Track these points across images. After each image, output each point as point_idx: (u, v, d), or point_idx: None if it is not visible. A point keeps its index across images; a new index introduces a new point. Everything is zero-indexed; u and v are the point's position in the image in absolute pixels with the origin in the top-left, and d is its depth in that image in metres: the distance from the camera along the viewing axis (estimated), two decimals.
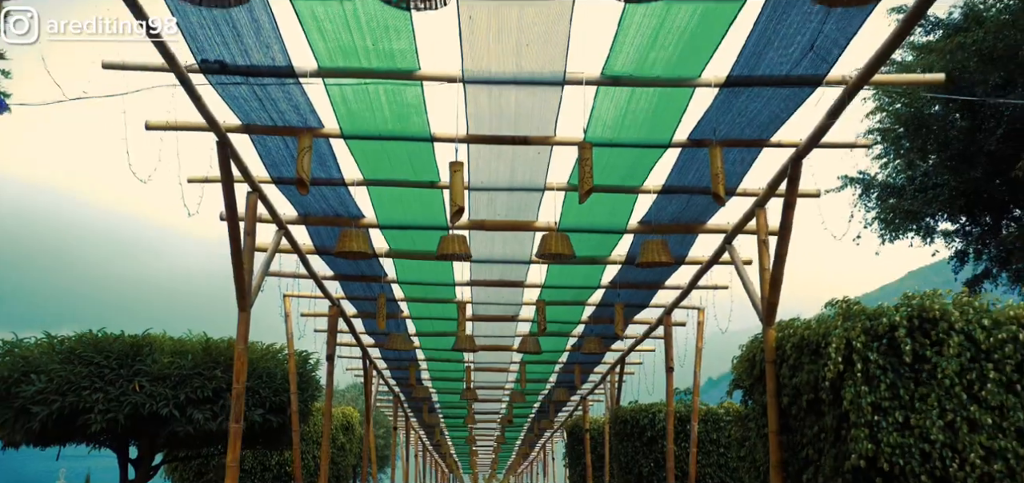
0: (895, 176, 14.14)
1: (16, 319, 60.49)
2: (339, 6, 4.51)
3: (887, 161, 14.28)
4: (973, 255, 14.65)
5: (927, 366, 5.50)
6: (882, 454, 5.40)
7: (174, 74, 5.15)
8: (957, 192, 12.79)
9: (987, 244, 14.31)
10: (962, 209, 13.27)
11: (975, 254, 14.64)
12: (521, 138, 6.07)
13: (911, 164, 13.32)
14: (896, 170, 14.14)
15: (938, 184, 13.29)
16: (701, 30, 4.79)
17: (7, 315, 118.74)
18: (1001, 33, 10.70)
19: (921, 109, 13.26)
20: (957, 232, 14.21)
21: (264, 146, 6.47)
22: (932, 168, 13.49)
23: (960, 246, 14.42)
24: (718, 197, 5.48)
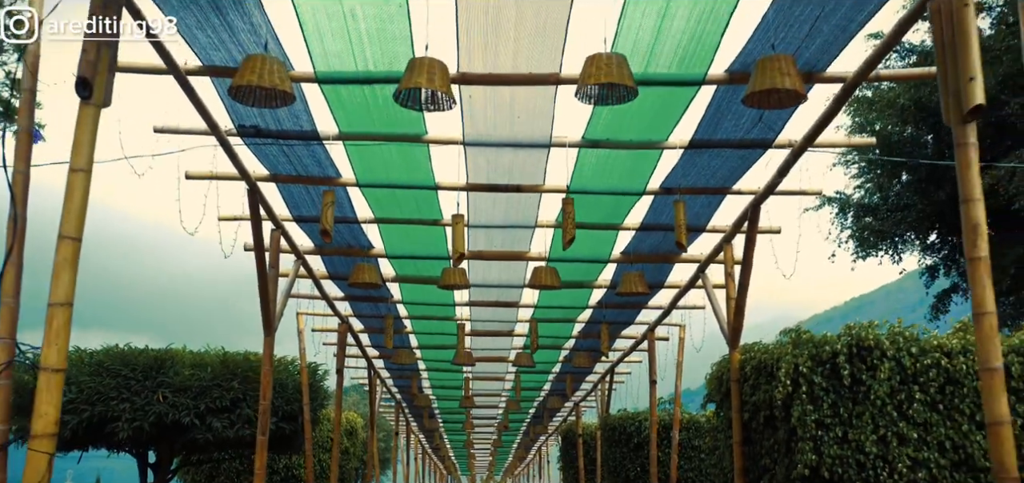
0: (869, 196, 15.02)
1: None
2: (361, 90, 5.38)
3: (862, 181, 15.16)
4: (943, 271, 15.53)
5: (863, 388, 6.38)
6: (824, 464, 6.28)
7: (215, 137, 6.02)
8: (924, 213, 13.68)
9: (955, 260, 15.19)
10: (930, 228, 14.14)
11: (945, 270, 15.52)
12: (515, 186, 6.95)
13: (881, 186, 14.21)
14: (870, 191, 15.02)
15: (908, 204, 14.17)
16: (668, 104, 5.66)
17: None
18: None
19: (894, 132, 14.14)
20: (927, 250, 15.10)
21: (287, 190, 7.33)
22: (903, 189, 14.38)
23: (930, 263, 15.31)
24: (680, 245, 6.36)
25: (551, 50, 5.02)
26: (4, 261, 4.08)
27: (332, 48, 5.03)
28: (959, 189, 4.13)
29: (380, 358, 14.31)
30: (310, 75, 5.27)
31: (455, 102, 4.58)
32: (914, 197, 13.74)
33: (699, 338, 10.76)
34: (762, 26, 4.73)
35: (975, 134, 4.14)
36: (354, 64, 5.16)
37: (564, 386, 16.06)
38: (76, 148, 4.04)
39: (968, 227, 4.04)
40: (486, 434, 28.63)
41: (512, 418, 22.29)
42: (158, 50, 4.91)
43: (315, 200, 7.44)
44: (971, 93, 3.99)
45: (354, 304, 10.92)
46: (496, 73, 5.21)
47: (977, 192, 4.07)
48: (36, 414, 3.87)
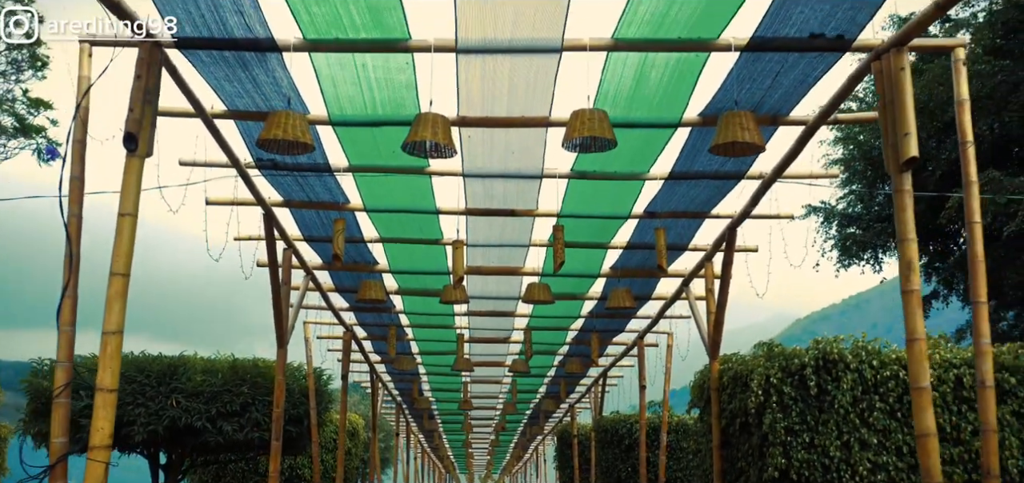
0: (851, 207, 15.64)
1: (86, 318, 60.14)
2: (370, 133, 5.97)
3: (846, 193, 15.78)
4: (924, 278, 16.14)
5: (828, 397, 6.98)
6: (792, 467, 6.88)
7: (236, 170, 6.60)
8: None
9: (935, 268, 15.82)
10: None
11: (925, 277, 16.14)
12: (509, 210, 7.54)
13: (862, 197, 14.82)
14: (852, 201, 15.63)
15: (888, 215, 14.78)
16: (648, 142, 6.24)
17: None
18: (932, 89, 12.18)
19: (875, 145, 14.73)
20: None
21: (298, 212, 7.91)
22: (885, 200, 14.98)
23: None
24: (661, 268, 6.96)
25: (542, 97, 5.61)
26: (62, 295, 4.66)
27: (345, 93, 5.61)
28: (896, 229, 4.72)
29: (382, 363, 14.90)
30: (325, 118, 5.85)
31: (456, 152, 5.16)
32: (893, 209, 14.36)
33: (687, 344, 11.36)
34: (728, 81, 5.32)
35: (910, 182, 4.73)
36: (364, 108, 5.75)
37: (558, 389, 16.68)
38: (124, 195, 4.61)
39: (902, 263, 4.64)
40: (484, 434, 29.26)
41: (509, 419, 22.92)
42: (190, 100, 5.50)
43: (324, 221, 8.03)
44: (906, 147, 4.58)
45: (358, 314, 11.51)
46: (492, 116, 5.80)
47: (911, 233, 4.66)
48: (94, 428, 4.46)
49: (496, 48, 5.00)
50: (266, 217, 7.47)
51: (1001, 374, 6.96)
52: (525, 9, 4.68)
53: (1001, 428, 6.82)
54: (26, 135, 13.45)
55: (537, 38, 4.91)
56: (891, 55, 4.73)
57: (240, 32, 4.86)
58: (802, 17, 4.72)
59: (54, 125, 12.96)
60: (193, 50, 5.01)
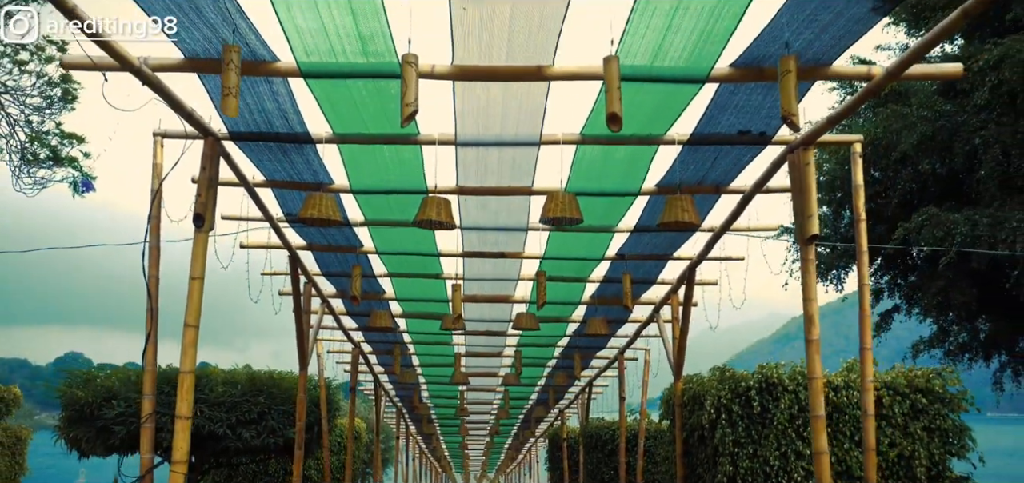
0: (821, 228, 16.93)
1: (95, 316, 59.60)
2: (384, 198, 7.22)
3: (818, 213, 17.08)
4: (886, 293, 17.47)
5: (769, 415, 8.25)
6: (738, 474, 8.16)
7: (269, 223, 7.84)
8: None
9: (897, 286, 17.13)
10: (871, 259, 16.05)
11: (888, 293, 17.46)
12: (499, 253, 8.79)
13: (825, 221, 16.12)
14: (821, 222, 16.92)
15: (851, 237, 16.08)
16: (614, 204, 7.50)
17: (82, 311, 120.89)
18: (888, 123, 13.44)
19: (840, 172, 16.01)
20: (872, 275, 17.02)
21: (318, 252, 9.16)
22: (848, 225, 16.27)
23: (874, 287, 17.24)
24: (626, 307, 8.23)
25: (526, 172, 6.86)
26: (146, 341, 5.90)
27: (365, 170, 6.86)
28: (802, 289, 5.98)
29: (385, 374, 16.16)
30: (346, 187, 7.10)
31: (455, 225, 6.42)
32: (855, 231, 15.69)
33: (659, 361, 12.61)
34: (675, 164, 6.58)
35: (813, 253, 5.99)
36: (380, 181, 6.99)
37: (547, 397, 17.97)
38: (194, 262, 5.85)
39: (806, 317, 5.90)
40: (479, 436, 30.57)
41: (503, 424, 24.24)
42: (237, 175, 6.74)
43: (338, 259, 9.27)
44: (810, 226, 5.85)
45: (366, 333, 12.77)
46: (485, 186, 7.05)
47: (813, 293, 5.92)
48: (174, 447, 5.69)
49: (488, 142, 6.25)
50: (291, 259, 8.71)
51: (916, 395, 8.25)
52: (511, 110, 5.93)
53: (913, 441, 8.11)
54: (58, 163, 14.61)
55: (520, 134, 6.16)
56: (799, 151, 5.99)
57: (281, 127, 6.10)
58: (730, 121, 5.98)
59: (87, 157, 14.17)
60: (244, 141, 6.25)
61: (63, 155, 14.02)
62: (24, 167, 13.83)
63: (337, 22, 4.72)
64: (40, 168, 13.98)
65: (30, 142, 13.61)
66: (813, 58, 5.01)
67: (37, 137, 13.76)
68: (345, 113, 5.90)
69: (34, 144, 14.51)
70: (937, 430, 8.17)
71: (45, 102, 14.37)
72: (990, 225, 11.17)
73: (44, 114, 14.38)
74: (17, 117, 14.09)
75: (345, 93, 5.57)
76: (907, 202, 14.24)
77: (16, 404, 19.46)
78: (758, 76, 5.13)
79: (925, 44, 4.49)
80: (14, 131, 13.83)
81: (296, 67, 5.13)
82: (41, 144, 13.98)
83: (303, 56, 5.06)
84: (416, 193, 6.98)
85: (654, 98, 5.60)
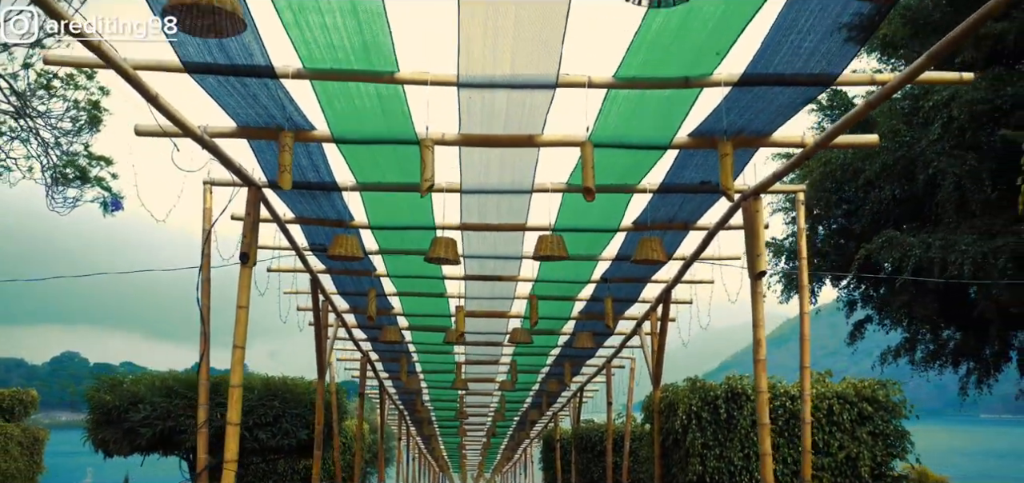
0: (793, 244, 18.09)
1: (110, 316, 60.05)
2: (399, 234, 8.35)
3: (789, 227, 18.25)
4: (860, 304, 18.64)
5: (734, 421, 9.39)
6: (707, 472, 9.29)
7: (296, 253, 8.96)
8: (837, 262, 16.77)
9: (869, 297, 18.29)
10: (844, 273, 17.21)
11: (862, 303, 18.63)
12: (496, 276, 9.92)
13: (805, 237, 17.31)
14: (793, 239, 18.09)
15: (825, 252, 17.24)
16: (597, 239, 8.62)
17: None
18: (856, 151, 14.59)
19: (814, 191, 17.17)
20: (844, 288, 18.19)
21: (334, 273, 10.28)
22: (821, 241, 17.45)
23: (847, 298, 18.43)
24: (608, 326, 9.35)
25: (520, 212, 7.98)
26: (200, 360, 7.02)
27: (384, 212, 7.97)
28: (752, 316, 7.11)
29: (389, 380, 17.29)
30: (366, 223, 8.22)
31: (461, 261, 7.54)
32: (827, 248, 16.84)
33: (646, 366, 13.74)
34: (648, 205, 7.72)
35: (761, 286, 7.11)
36: (396, 220, 8.12)
37: (541, 402, 19.12)
38: (240, 292, 6.95)
39: (755, 341, 7.03)
40: (477, 437, 31.73)
41: (499, 425, 25.41)
42: (270, 213, 7.85)
43: (353, 281, 10.39)
44: (758, 263, 6.98)
45: (374, 344, 13.90)
46: (484, 223, 8.18)
47: (761, 318, 7.05)
48: (226, 450, 6.80)
49: (488, 190, 7.38)
50: (312, 281, 9.83)
51: (862, 404, 9.39)
52: (507, 167, 7.05)
53: (859, 444, 9.26)
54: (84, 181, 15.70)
55: (515, 183, 7.28)
56: (750, 200, 7.12)
57: (312, 177, 7.22)
58: (692, 174, 7.11)
59: (114, 178, 15.26)
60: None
61: (91, 176, 15.09)
62: (57, 187, 14.91)
63: (367, 104, 5.84)
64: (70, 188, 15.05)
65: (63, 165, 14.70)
66: (753, 131, 6.15)
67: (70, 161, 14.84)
68: (368, 167, 7.02)
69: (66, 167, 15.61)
70: (880, 434, 9.31)
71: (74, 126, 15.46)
72: (942, 247, 12.31)
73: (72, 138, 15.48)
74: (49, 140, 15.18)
75: (368, 154, 6.69)
76: (876, 221, 15.38)
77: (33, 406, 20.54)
78: (711, 144, 6.26)
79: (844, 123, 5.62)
80: (47, 153, 14.91)
81: (330, 134, 6.26)
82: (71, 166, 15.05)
83: (336, 128, 6.18)
84: (426, 229, 8.10)
85: (627, 158, 6.72)
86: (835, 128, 5.78)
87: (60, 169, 15.29)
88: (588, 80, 5.45)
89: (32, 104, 14.74)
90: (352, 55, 5.23)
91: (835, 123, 5.80)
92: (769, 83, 5.40)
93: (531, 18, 4.88)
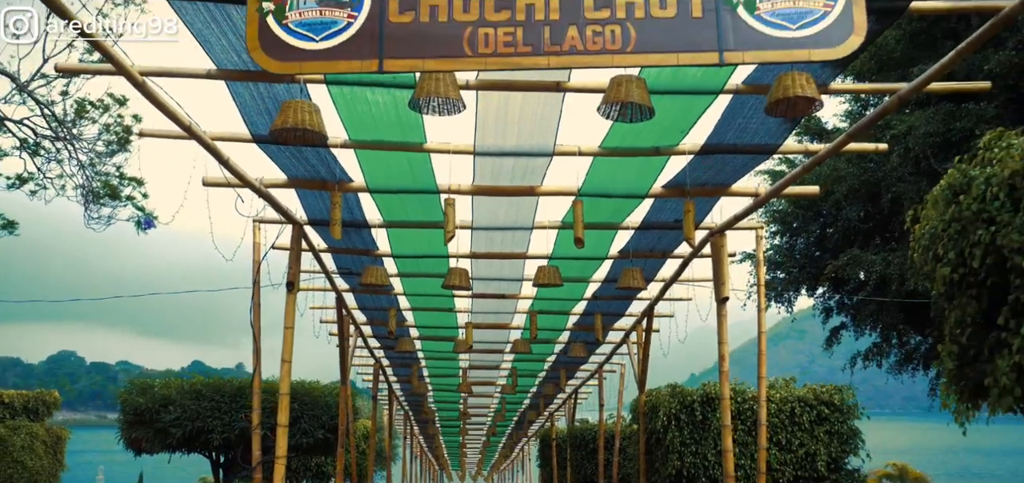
0: (777, 255, 19.46)
1: None
2: (415, 262, 9.67)
3: (771, 243, 19.61)
4: (835, 311, 20.03)
5: (708, 422, 10.73)
6: (685, 467, 10.63)
7: (325, 276, 10.26)
8: (813, 274, 18.16)
9: (843, 305, 19.68)
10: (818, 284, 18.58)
11: (837, 311, 20.01)
12: (499, 295, 11.24)
13: (779, 251, 18.69)
14: (777, 249, 19.46)
15: (802, 265, 18.62)
16: (586, 264, 9.95)
17: None
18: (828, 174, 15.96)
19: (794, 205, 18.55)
20: (820, 297, 19.58)
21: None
22: (799, 254, 18.83)
23: (823, 306, 19.82)
24: (598, 339, 10.69)
25: (520, 243, 9.30)
26: (253, 373, 8.33)
27: (406, 248, 9.30)
28: (718, 335, 8.44)
29: (398, 383, 18.64)
30: (389, 252, 9.54)
31: (471, 288, 8.87)
32: (804, 261, 18.22)
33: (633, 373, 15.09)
34: (628, 243, 9.05)
35: (726, 309, 8.44)
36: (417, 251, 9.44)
37: (539, 403, 20.48)
38: (287, 315, 8.26)
39: (720, 356, 8.36)
40: (477, 436, 33.12)
41: (499, 426, 26.80)
42: (308, 245, 9.16)
43: (372, 299, 11.70)
44: (722, 290, 8.32)
45: (387, 353, 15.24)
46: (492, 251, 9.50)
47: (726, 337, 8.38)
48: (277, 448, 8.10)
49: (495, 227, 8.71)
50: (338, 299, 11.15)
51: (821, 407, 10.74)
52: (511, 211, 8.37)
53: (817, 442, 10.61)
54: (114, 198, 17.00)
55: (519, 221, 8.60)
56: (716, 236, 8.45)
57: (345, 215, 8.53)
58: (668, 214, 8.44)
59: (145, 198, 16.54)
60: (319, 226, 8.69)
61: (123, 195, 16.37)
62: (93, 205, 16.19)
63: (398, 164, 7.16)
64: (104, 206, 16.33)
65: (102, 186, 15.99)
66: (715, 184, 7.49)
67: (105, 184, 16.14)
68: (395, 208, 8.34)
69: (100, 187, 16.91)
70: (836, 434, 10.67)
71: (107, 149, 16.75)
72: (900, 264, 13.68)
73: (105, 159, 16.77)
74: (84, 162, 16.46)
75: (397, 199, 8.01)
76: (846, 236, 16.77)
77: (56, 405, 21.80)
78: (681, 194, 7.59)
79: (787, 181, 6.96)
80: (85, 173, 16.20)
81: (366, 185, 7.58)
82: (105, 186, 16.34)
83: (372, 181, 7.51)
84: (441, 257, 9.42)
85: (611, 204, 8.06)
86: (780, 185, 7.13)
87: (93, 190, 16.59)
88: (578, 149, 6.79)
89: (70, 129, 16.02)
90: (389, 129, 6.55)
91: (779, 181, 7.16)
92: (723, 152, 6.74)
93: (534, 106, 6.21)
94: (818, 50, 3.78)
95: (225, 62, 5.35)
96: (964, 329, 4.96)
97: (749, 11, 3.80)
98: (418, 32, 3.81)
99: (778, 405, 10.72)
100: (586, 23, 3.70)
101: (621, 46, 3.70)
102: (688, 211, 6.80)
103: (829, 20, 3.81)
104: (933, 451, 59.67)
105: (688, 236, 6.82)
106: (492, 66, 3.75)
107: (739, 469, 10.59)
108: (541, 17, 3.75)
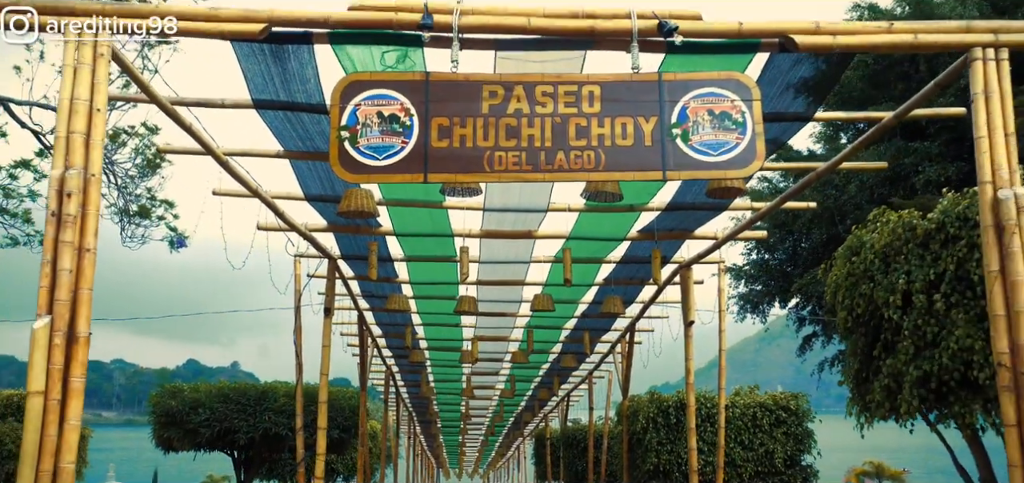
0: (753, 268, 21.16)
1: None
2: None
3: (747, 258, 21.31)
4: (808, 321, 21.73)
5: (682, 424, 12.37)
6: (661, 464, 12.28)
7: (351, 300, 11.86)
8: (785, 285, 19.85)
9: (814, 314, 21.38)
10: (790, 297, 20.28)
11: (810, 321, 21.71)
12: (501, 313, 12.87)
13: (757, 264, 20.39)
14: (753, 263, 21.16)
15: (777, 276, 20.32)
16: (576, 290, 11.58)
17: None
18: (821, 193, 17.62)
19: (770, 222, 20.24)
20: (793, 309, 21.27)
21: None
22: (773, 268, 20.52)
23: (796, 315, 21.53)
24: (586, 353, 12.32)
25: (520, 272, 10.92)
26: (296, 385, 9.93)
27: (423, 278, 10.91)
28: (685, 353, 10.08)
29: (405, 388, 20.28)
30: (407, 280, 11.16)
31: (477, 313, 10.50)
32: (779, 273, 19.93)
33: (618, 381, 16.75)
34: (612, 273, 10.69)
35: (692, 333, 10.07)
36: (431, 279, 11.06)
37: (534, 405, 22.14)
38: (324, 334, 9.86)
39: (687, 370, 9.99)
40: (476, 436, 34.83)
41: (497, 426, 28.50)
42: (339, 275, 10.76)
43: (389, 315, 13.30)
44: (689, 315, 9.96)
45: (398, 361, 16.87)
46: (495, 278, 11.13)
47: (692, 353, 10.02)
48: (318, 444, 9.69)
49: (498, 260, 10.34)
50: (359, 319, 12.77)
51: (779, 411, 12.41)
52: (512, 248, 9.99)
53: (775, 442, 12.28)
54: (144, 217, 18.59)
55: (518, 256, 10.23)
56: (684, 270, 10.09)
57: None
58: (644, 251, 10.06)
59: (177, 218, 18.15)
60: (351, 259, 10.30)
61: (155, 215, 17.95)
62: (128, 225, 17.78)
63: (420, 215, 8.78)
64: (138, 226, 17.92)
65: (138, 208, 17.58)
66: (681, 229, 9.14)
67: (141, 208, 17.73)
68: (415, 244, 9.96)
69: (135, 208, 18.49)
70: (792, 435, 12.34)
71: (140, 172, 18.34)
72: None
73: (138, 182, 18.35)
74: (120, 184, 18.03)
75: (419, 242, 9.64)
76: (814, 254, 18.47)
77: None
78: (652, 237, 9.23)
79: (741, 228, 8.61)
80: (123, 195, 17.77)
81: (392, 230, 9.21)
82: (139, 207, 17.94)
83: (398, 227, 9.14)
84: (452, 284, 11.05)
85: (595, 245, 9.70)
86: (735, 230, 8.79)
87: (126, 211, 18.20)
88: (568, 206, 8.42)
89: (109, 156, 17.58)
90: (414, 191, 8.17)
91: (737, 227, 8.82)
92: (685, 208, 8.39)
93: None
94: (732, 170, 5.39)
95: (289, 144, 6.98)
96: (857, 357, 6.61)
97: (684, 142, 5.43)
98: (451, 154, 5.39)
99: (742, 409, 12.37)
100: (570, 149, 5.31)
101: (594, 166, 5.30)
102: (655, 257, 8.44)
103: (740, 149, 5.43)
104: (914, 451, 61.51)
105: (656, 278, 8.46)
106: (505, 179, 5.33)
107: (708, 465, 12.25)
108: (538, 145, 5.35)
